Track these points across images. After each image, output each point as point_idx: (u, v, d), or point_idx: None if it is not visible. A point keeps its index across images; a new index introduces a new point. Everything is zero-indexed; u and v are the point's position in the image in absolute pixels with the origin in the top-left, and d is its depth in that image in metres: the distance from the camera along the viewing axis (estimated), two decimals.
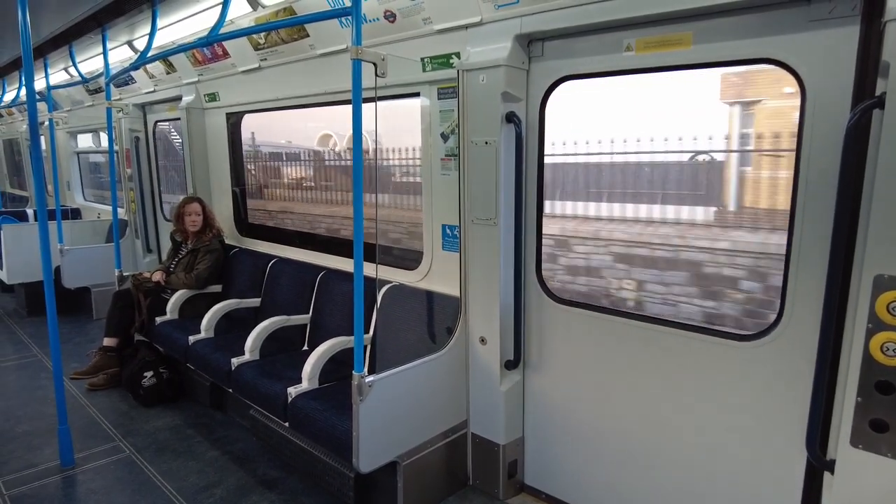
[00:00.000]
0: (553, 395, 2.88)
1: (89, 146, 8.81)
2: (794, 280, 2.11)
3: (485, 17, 2.68)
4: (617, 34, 2.42)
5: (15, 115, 9.73)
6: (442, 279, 3.21)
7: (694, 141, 3.89)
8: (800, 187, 2.06)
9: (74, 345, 5.19)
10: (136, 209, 6.14)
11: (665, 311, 3.96)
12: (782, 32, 2.04)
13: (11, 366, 4.79)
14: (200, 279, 4.41)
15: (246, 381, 3.26)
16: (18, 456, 3.34)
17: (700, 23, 2.21)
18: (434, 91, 3.09)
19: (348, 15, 2.32)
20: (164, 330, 4.14)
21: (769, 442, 2.24)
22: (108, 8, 3.86)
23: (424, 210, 3.29)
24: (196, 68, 4.69)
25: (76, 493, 3.02)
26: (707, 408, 2.38)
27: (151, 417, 3.84)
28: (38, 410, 3.92)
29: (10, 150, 11.83)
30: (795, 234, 2.09)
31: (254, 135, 8.46)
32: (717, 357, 2.32)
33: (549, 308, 2.84)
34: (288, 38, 3.70)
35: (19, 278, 6.01)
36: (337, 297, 3.70)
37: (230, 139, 4.92)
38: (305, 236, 4.89)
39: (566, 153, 4.53)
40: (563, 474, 2.90)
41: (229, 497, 2.96)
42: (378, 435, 2.54)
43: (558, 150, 4.37)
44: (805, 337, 2.09)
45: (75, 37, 4.57)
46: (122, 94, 6.01)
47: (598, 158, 4.61)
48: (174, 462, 3.29)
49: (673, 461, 2.51)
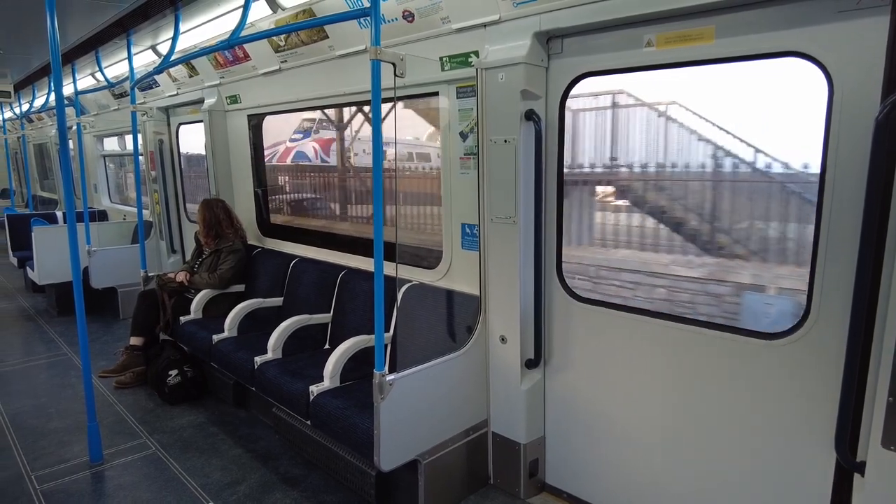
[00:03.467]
0: (575, 395, 2.86)
1: (114, 149, 9.01)
2: (821, 276, 2.06)
3: (503, 15, 2.67)
4: (637, 29, 2.39)
5: (44, 119, 9.98)
6: (461, 278, 3.21)
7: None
8: (827, 182, 2.01)
9: (102, 344, 5.31)
10: (160, 210, 6.25)
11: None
12: (808, 24, 1.99)
13: (43, 364, 4.92)
14: (224, 279, 4.47)
15: (268, 379, 3.30)
16: (50, 452, 3.43)
17: (722, 16, 2.18)
18: (453, 90, 3.09)
19: (367, 16, 2.33)
20: (189, 329, 4.21)
21: (797, 442, 2.19)
22: (133, 13, 3.94)
23: (444, 209, 3.29)
24: (218, 71, 4.76)
25: (105, 488, 3.09)
26: (733, 407, 2.34)
27: (176, 415, 3.91)
28: (68, 407, 4.02)
29: (39, 155, 12.15)
30: (822, 229, 2.05)
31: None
32: (742, 356, 2.29)
33: (570, 307, 2.82)
34: (307, 39, 3.73)
35: (50, 279, 6.16)
36: (358, 296, 3.72)
37: (252, 140, 4.99)
38: (326, 236, 4.92)
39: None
40: (584, 474, 2.88)
41: (253, 494, 3.00)
42: (399, 433, 2.55)
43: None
44: (833, 335, 2.04)
45: (102, 42, 4.67)
46: (146, 97, 6.12)
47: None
48: (199, 459, 3.34)
49: (697, 461, 2.48)
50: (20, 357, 5.10)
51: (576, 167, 3.83)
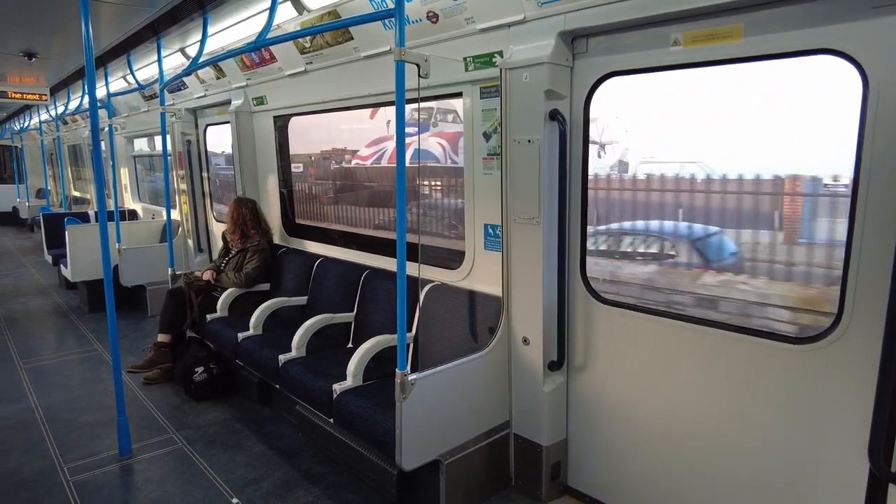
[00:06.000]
0: (598, 398, 2.83)
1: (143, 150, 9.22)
2: (853, 280, 2.01)
3: (528, 14, 2.65)
4: (663, 28, 2.36)
5: (78, 121, 10.26)
6: (484, 278, 3.21)
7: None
8: (861, 185, 1.96)
9: (131, 340, 5.43)
10: (188, 210, 6.36)
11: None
12: (842, 21, 1.94)
13: (75, 359, 5.06)
14: (249, 278, 4.54)
15: (292, 377, 3.34)
16: (82, 444, 3.52)
17: (751, 14, 2.13)
18: (476, 90, 3.09)
19: (392, 17, 2.34)
20: (215, 327, 4.28)
21: (828, 450, 2.14)
22: (162, 17, 4.03)
23: (466, 209, 3.29)
24: (245, 73, 4.83)
25: (134, 481, 3.16)
26: (760, 413, 2.29)
27: (202, 411, 3.98)
28: (99, 402, 4.12)
29: (73, 155, 12.49)
30: (856, 233, 1.99)
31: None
32: (771, 360, 2.24)
33: (594, 309, 2.79)
34: (332, 41, 3.76)
35: (82, 276, 6.33)
36: (380, 296, 3.74)
37: (278, 141, 5.05)
38: (349, 236, 4.96)
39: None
40: (608, 477, 2.85)
41: (275, 490, 3.04)
42: (421, 433, 2.56)
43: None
44: (866, 340, 1.99)
45: (133, 45, 4.79)
46: (174, 99, 6.24)
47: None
48: (223, 455, 3.40)
49: (723, 467, 2.43)
50: (54, 352, 5.25)
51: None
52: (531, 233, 2.75)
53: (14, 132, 12.97)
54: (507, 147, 2.78)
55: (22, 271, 9.01)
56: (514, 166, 2.76)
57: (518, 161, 2.75)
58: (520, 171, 2.75)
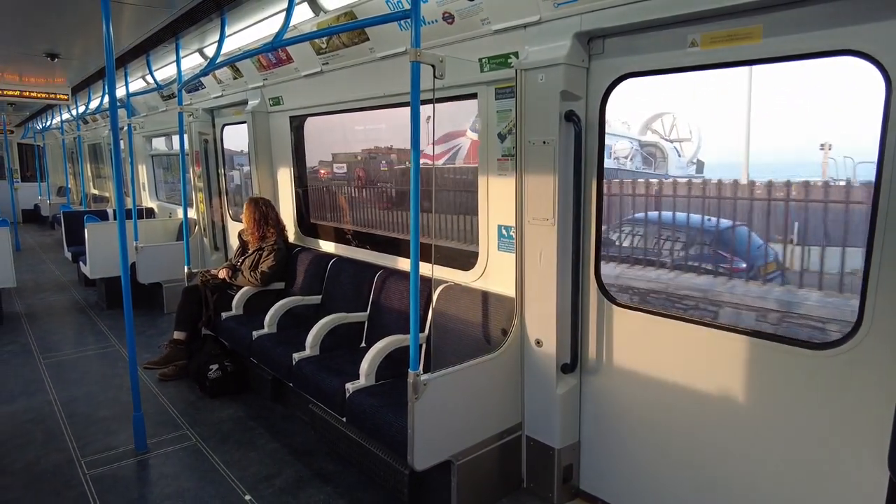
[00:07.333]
0: (611, 401, 2.81)
1: (162, 149, 9.33)
2: (874, 285, 1.97)
3: (544, 15, 2.65)
4: (680, 29, 2.34)
5: (98, 121, 10.42)
6: (497, 279, 3.20)
7: None
8: (882, 188, 1.93)
9: (147, 337, 5.50)
10: (204, 209, 6.43)
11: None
12: (864, 21, 1.91)
13: (93, 354, 5.14)
14: (264, 277, 4.58)
15: (305, 375, 3.36)
16: (99, 439, 3.57)
17: (770, 14, 2.10)
18: (491, 91, 3.08)
19: (408, 18, 2.34)
20: (230, 325, 4.33)
21: (848, 457, 2.10)
22: (181, 18, 4.07)
23: (480, 210, 3.29)
24: (261, 73, 4.87)
25: (149, 476, 3.20)
26: (777, 418, 2.26)
27: (216, 408, 4.02)
28: (115, 397, 4.18)
29: (93, 154, 12.68)
30: (877, 237, 1.96)
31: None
32: (789, 366, 2.21)
33: (608, 311, 2.77)
34: (349, 42, 3.78)
35: (100, 273, 6.42)
36: (394, 296, 3.75)
37: (293, 142, 5.08)
38: (363, 236, 4.98)
39: None
40: (619, 481, 2.83)
41: (287, 488, 3.06)
42: (433, 433, 2.56)
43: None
44: (887, 346, 1.95)
45: (152, 46, 4.85)
46: (192, 99, 6.31)
47: None
48: (237, 452, 3.43)
49: (738, 472, 2.40)
50: (73, 347, 5.33)
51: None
52: (545, 234, 2.74)
53: (36, 131, 13.20)
54: (521, 148, 2.77)
55: (42, 268, 9.17)
56: (529, 167, 2.76)
57: (533, 162, 2.74)
58: (534, 172, 2.74)
